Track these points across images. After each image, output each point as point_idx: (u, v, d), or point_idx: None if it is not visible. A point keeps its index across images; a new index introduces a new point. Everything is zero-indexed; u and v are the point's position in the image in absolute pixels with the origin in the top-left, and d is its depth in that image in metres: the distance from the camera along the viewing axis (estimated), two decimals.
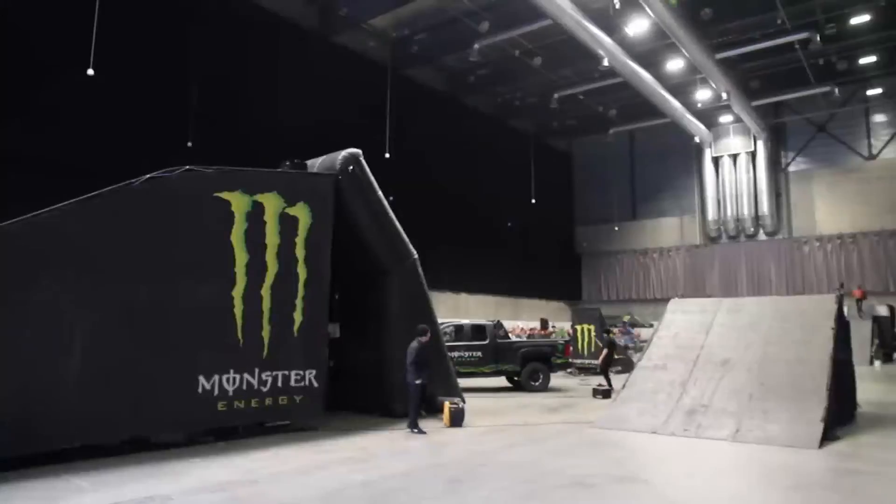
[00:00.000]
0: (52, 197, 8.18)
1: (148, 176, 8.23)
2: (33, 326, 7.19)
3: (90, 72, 14.37)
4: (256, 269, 9.07)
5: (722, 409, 9.60)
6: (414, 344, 9.93)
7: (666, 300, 13.83)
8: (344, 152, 10.49)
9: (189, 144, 18.05)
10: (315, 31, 23.61)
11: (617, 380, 15.09)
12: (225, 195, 8.88)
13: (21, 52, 15.33)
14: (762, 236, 34.30)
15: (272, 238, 9.30)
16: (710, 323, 11.49)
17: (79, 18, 14.78)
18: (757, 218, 33.95)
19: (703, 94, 29.47)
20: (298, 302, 9.48)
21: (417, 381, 9.73)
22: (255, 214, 9.14)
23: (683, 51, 23.58)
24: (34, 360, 7.16)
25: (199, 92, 18.76)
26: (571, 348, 20.65)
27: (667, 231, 37.26)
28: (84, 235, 7.67)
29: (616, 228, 37.75)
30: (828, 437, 8.66)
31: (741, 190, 34.29)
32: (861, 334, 21.98)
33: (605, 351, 16.12)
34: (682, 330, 11.63)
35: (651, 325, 25.03)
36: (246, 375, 8.86)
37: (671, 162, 36.77)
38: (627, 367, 17.50)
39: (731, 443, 8.80)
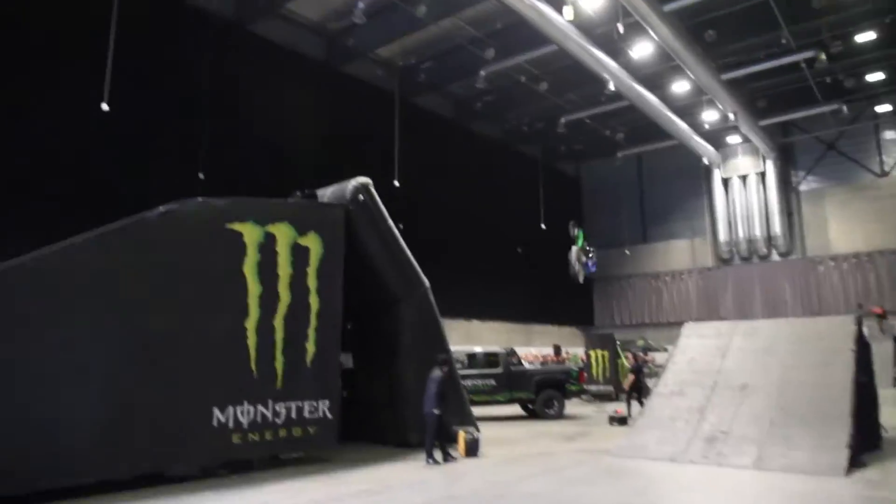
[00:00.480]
0: (66, 225, 8.25)
1: (161, 208, 8.30)
2: (47, 360, 7.19)
3: (105, 107, 14.62)
4: (269, 300, 9.07)
5: (742, 435, 9.39)
6: (437, 373, 9.84)
7: (679, 324, 13.66)
8: (354, 181, 10.54)
9: (201, 176, 18.21)
10: (323, 62, 23.94)
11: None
12: (237, 226, 8.93)
13: (36, 76, 15.51)
14: (775, 257, 33.87)
15: (284, 269, 9.31)
16: (727, 347, 11.30)
17: (93, 47, 15.10)
18: (769, 238, 33.57)
19: (710, 115, 29.42)
20: (311, 332, 9.45)
21: (436, 411, 9.62)
22: (267, 245, 9.17)
23: (689, 73, 23.66)
24: (48, 395, 7.14)
25: (209, 123, 18.99)
26: (586, 375, 20.43)
27: (678, 254, 36.97)
28: (97, 268, 7.71)
29: (627, 252, 37.48)
30: (854, 463, 8.45)
31: (752, 210, 33.98)
32: (882, 355, 21.56)
33: (631, 377, 15.89)
34: (697, 354, 11.45)
35: (665, 350, 24.72)
36: (260, 407, 8.81)
37: (680, 184, 36.63)
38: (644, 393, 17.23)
39: (753, 471, 8.59)
